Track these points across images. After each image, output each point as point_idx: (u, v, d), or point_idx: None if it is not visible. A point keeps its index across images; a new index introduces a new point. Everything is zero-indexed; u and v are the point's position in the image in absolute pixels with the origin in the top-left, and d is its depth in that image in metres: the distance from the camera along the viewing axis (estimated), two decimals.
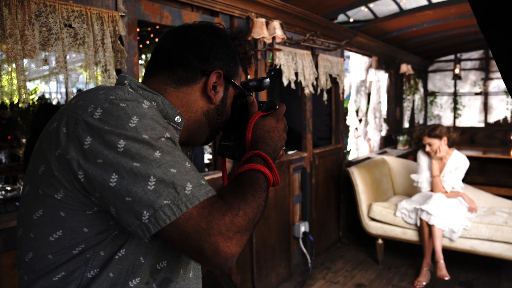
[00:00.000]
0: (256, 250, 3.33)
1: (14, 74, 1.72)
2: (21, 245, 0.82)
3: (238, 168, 0.89)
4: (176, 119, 0.92)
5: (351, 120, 5.49)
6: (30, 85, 8.31)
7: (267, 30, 2.96)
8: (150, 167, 0.73)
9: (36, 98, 8.34)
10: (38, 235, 0.79)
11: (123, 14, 2.16)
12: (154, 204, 0.71)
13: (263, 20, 2.87)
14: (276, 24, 2.95)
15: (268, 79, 1.10)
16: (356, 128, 5.61)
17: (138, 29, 4.05)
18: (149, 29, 5.69)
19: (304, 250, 3.95)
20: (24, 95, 1.72)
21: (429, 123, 8.34)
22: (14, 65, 1.72)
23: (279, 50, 3.09)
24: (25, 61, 1.83)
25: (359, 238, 4.65)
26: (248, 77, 3.14)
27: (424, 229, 3.61)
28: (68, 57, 2.06)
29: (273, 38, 2.99)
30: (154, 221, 0.72)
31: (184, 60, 0.93)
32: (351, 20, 5.18)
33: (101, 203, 0.76)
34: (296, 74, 3.67)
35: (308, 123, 4.05)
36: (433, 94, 8.45)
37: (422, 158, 3.88)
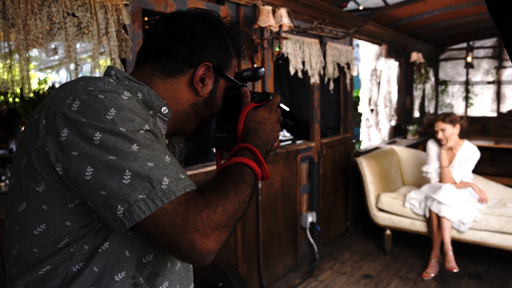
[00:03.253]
0: (263, 240, 3.33)
1: (17, 64, 1.71)
2: (8, 239, 0.82)
3: (224, 162, 0.87)
4: (162, 110, 0.90)
5: (363, 109, 5.42)
6: (41, 75, 8.37)
7: (274, 18, 2.91)
8: (126, 160, 0.71)
9: (47, 88, 8.39)
10: (23, 229, 0.78)
11: (126, 2, 2.13)
12: (129, 199, 0.70)
13: (270, 8, 2.83)
14: (283, 12, 2.90)
15: (262, 69, 1.08)
16: (368, 118, 5.55)
17: (146, 18, 4.01)
18: (158, 17, 5.66)
19: (311, 240, 3.94)
20: (27, 85, 1.71)
21: (440, 112, 8.22)
22: (17, 55, 1.71)
23: (286, 38, 3.04)
24: (35, 51, 1.82)
25: (367, 229, 4.62)
26: (255, 65, 3.11)
27: (433, 220, 3.57)
28: (78, 46, 2.05)
29: (280, 26, 2.94)
30: (128, 216, 0.70)
31: (172, 51, 0.91)
32: (361, 7, 5.08)
33: (79, 196, 0.75)
34: (304, 63, 3.62)
35: (315, 112, 4.01)
36: (445, 83, 8.31)
37: (432, 148, 3.82)
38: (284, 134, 5.52)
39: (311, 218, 3.92)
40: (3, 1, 1.65)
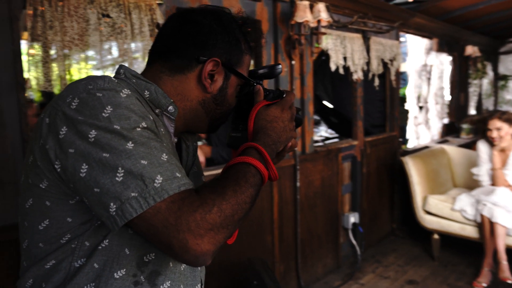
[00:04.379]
0: (301, 239, 3.27)
1: (54, 64, 1.79)
2: (20, 233, 0.84)
3: (229, 161, 0.85)
4: (169, 108, 0.89)
5: (410, 106, 5.17)
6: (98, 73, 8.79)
7: (312, 13, 2.84)
8: (119, 158, 0.70)
9: None
10: (30, 224, 0.80)
11: (160, 2, 2.17)
12: (121, 196, 0.69)
13: (307, 3, 2.76)
14: (321, 6, 2.82)
15: (279, 66, 1.04)
16: (416, 116, 5.28)
17: None
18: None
19: (354, 242, 3.82)
20: (63, 85, 1.79)
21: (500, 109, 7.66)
22: (55, 55, 1.79)
23: (324, 34, 2.96)
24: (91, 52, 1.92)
25: (414, 232, 4.40)
26: (293, 62, 3.05)
27: (486, 226, 3.32)
28: (133, 46, 2.13)
29: (318, 21, 2.87)
30: (120, 214, 0.69)
31: (179, 47, 0.90)
32: None
33: (77, 193, 0.75)
34: (345, 58, 3.50)
35: (358, 109, 3.88)
36: (505, 78, 7.72)
37: (482, 149, 3.56)
38: (330, 132, 5.40)
39: (353, 218, 3.80)
40: (42, 5, 1.74)
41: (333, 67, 3.38)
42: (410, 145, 5.28)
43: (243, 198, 0.76)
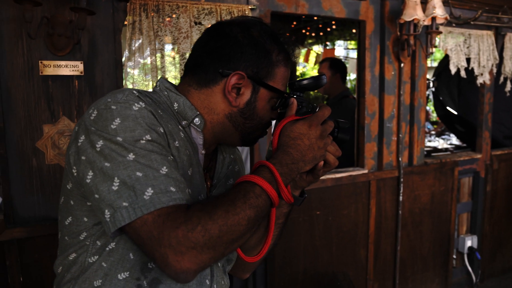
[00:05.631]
0: (401, 258, 2.99)
1: (149, 72, 1.94)
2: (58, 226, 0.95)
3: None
4: (195, 121, 0.90)
5: None
6: None
7: (425, 10, 2.54)
8: (117, 168, 0.73)
9: None
10: (60, 219, 0.90)
11: (253, 7, 2.18)
12: (114, 204, 0.72)
13: None
14: (436, 2, 2.50)
15: (324, 77, 0.95)
16: None
17: (294, 23, 4.03)
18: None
19: (469, 269, 3.35)
20: None
21: None
22: (148, 61, 1.94)
23: (439, 32, 2.62)
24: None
25: None
26: (401, 65, 2.79)
27: None
28: None
29: (433, 19, 2.55)
30: (113, 221, 0.73)
31: (204, 61, 0.91)
32: None
33: (86, 197, 0.80)
34: (469, 60, 3.06)
35: (485, 118, 3.37)
36: None
37: None
38: (451, 142, 4.82)
39: (470, 242, 3.33)
40: (140, 17, 1.90)
41: (453, 69, 2.99)
42: None
43: (235, 220, 0.73)
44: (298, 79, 0.97)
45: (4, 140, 1.76)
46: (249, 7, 2.16)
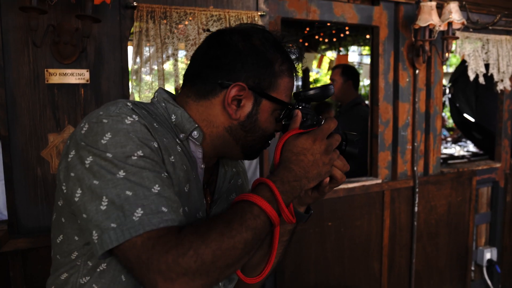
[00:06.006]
0: (416, 271, 2.88)
1: (155, 79, 1.90)
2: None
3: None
4: (193, 134, 0.85)
5: None
6: None
7: (440, 15, 2.46)
8: (106, 186, 0.69)
9: None
10: (53, 236, 0.85)
11: (262, 13, 2.13)
12: (102, 225, 0.68)
13: (433, 3, 2.39)
14: (452, 6, 2.42)
15: (331, 87, 0.89)
16: None
17: (307, 29, 3.96)
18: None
19: (489, 282, 3.22)
20: None
21: None
22: (156, 68, 1.90)
23: (456, 38, 2.53)
24: None
25: None
26: (416, 72, 2.70)
27: None
28: None
29: (449, 24, 2.46)
30: (100, 243, 0.68)
31: (203, 71, 0.86)
32: None
33: (75, 215, 0.76)
34: (488, 65, 2.96)
35: (505, 126, 3.25)
36: None
37: None
38: (468, 149, 4.69)
39: (489, 254, 3.20)
40: (147, 25, 1.86)
41: (471, 75, 2.89)
42: None
43: (231, 243, 0.68)
44: (303, 89, 0.91)
45: (9, 149, 1.74)
46: (259, 13, 2.11)
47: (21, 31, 1.71)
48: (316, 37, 7.13)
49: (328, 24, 4.90)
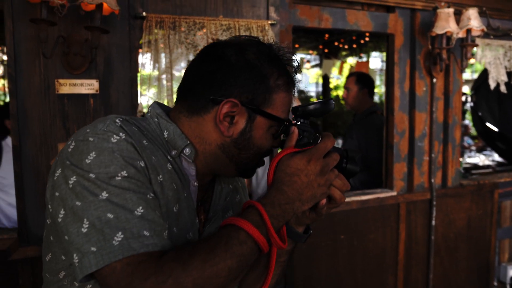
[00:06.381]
0: (434, 286, 2.78)
1: (165, 88, 1.90)
2: None
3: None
4: (185, 151, 0.82)
5: None
6: None
7: (459, 22, 2.38)
8: (88, 208, 0.67)
9: None
10: (43, 254, 0.84)
11: (273, 22, 2.11)
12: (82, 249, 0.66)
13: (450, 10, 2.32)
14: (471, 13, 2.34)
15: (332, 102, 0.84)
16: None
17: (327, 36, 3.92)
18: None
19: None
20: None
21: None
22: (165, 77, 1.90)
23: (475, 45, 2.44)
24: None
25: None
26: (434, 80, 2.62)
27: None
28: None
29: (468, 31, 2.38)
30: (80, 266, 0.66)
31: (195, 86, 0.83)
32: None
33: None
34: (510, 74, 2.85)
35: None
36: None
37: None
38: (493, 158, 4.52)
39: None
40: (155, 37, 1.87)
41: (492, 84, 2.78)
42: None
43: (214, 271, 0.65)
44: (302, 104, 0.87)
45: (20, 158, 1.76)
46: (269, 22, 2.09)
47: (32, 42, 1.73)
48: (336, 43, 7.06)
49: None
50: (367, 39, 5.63)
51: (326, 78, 6.76)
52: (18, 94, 1.75)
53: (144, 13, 1.86)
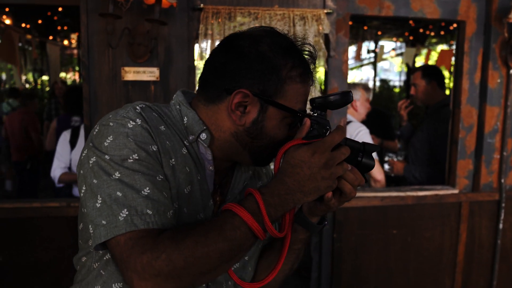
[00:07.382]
0: None
1: None
2: None
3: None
4: (201, 136, 0.87)
5: None
6: None
7: None
8: (102, 186, 0.75)
9: None
10: (78, 224, 0.94)
11: (329, 11, 2.09)
12: (95, 221, 0.74)
13: None
14: None
15: (351, 94, 0.85)
16: None
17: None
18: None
19: None
20: None
21: None
22: None
23: None
24: None
25: None
26: (511, 72, 2.40)
27: None
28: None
29: None
30: (94, 236, 0.75)
31: (211, 76, 0.87)
32: None
33: None
34: None
35: None
36: None
37: None
38: None
39: None
40: (212, 26, 1.96)
41: None
42: None
43: (204, 252, 0.70)
44: (318, 96, 0.88)
45: None
46: (325, 11, 2.07)
47: (102, 34, 1.92)
48: (421, 30, 6.61)
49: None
50: (455, 25, 5.23)
51: (410, 67, 6.40)
52: (90, 81, 1.96)
53: (201, 5, 1.95)
